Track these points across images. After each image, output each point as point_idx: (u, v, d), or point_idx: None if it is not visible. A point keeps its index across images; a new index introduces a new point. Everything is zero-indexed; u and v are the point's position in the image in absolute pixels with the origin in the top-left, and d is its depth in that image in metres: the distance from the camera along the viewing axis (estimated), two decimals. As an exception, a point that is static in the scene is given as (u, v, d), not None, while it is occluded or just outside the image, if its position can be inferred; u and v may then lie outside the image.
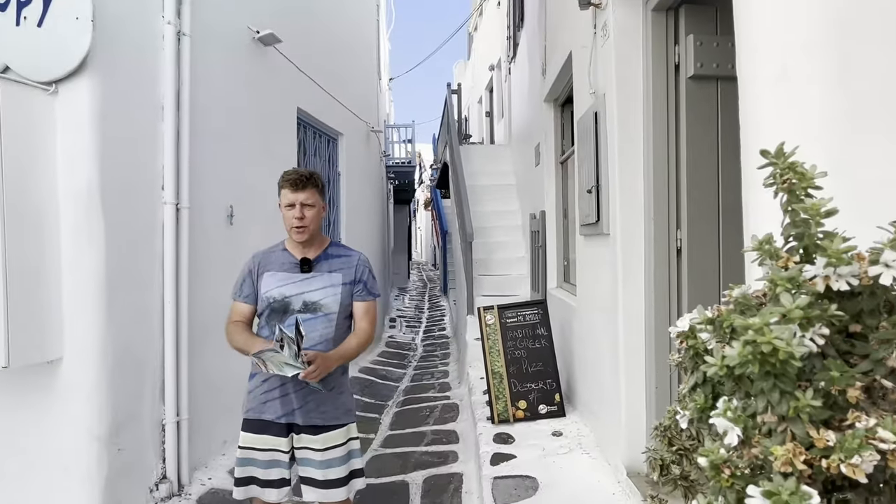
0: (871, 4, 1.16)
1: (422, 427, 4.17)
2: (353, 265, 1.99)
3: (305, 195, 1.89)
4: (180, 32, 3.07)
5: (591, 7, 2.67)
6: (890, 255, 0.66)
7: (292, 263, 1.95)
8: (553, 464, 2.71)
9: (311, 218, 1.91)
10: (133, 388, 2.78)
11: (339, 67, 6.50)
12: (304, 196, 1.89)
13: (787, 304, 0.68)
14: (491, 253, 6.65)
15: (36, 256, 2.48)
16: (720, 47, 2.23)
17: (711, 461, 0.72)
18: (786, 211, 0.76)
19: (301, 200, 1.89)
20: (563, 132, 4.64)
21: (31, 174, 2.47)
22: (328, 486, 1.93)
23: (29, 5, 2.53)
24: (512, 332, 3.52)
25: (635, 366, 2.45)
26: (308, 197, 1.90)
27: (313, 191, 1.92)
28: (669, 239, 2.41)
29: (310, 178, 1.92)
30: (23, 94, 2.46)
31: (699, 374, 0.79)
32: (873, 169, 1.12)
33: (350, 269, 1.98)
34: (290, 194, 1.89)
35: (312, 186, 1.91)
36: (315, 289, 1.93)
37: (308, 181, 1.91)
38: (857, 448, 0.62)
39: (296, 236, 1.94)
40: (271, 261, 1.99)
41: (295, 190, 1.89)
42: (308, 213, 1.90)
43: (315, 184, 1.93)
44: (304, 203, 1.89)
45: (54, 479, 2.61)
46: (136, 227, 2.85)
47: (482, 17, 12.89)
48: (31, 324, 2.44)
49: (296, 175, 1.91)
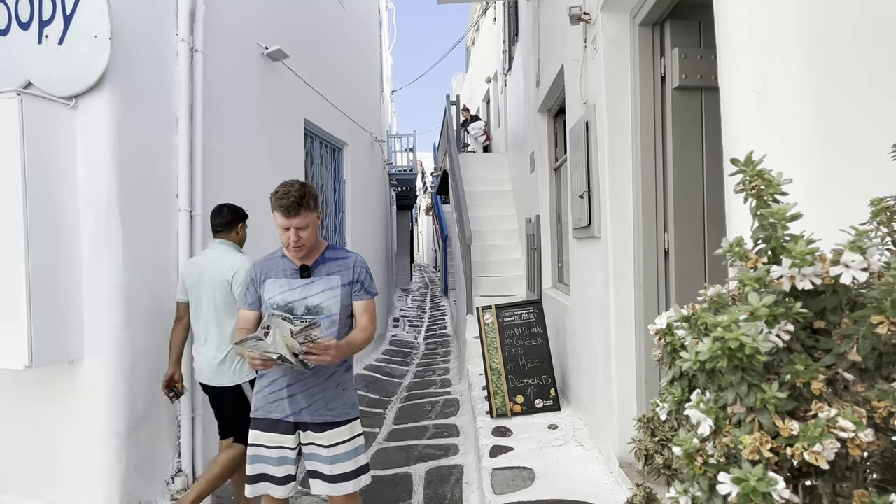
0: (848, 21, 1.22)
1: (424, 421, 4.25)
2: (351, 266, 2.00)
3: (298, 220, 1.85)
4: (193, 49, 3.18)
5: (582, 22, 2.75)
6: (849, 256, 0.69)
7: (293, 270, 1.97)
8: (549, 455, 2.76)
9: (307, 238, 1.90)
10: (150, 386, 2.85)
11: (344, 81, 6.66)
12: (298, 221, 1.85)
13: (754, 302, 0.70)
14: (489, 255, 6.76)
15: (57, 262, 2.56)
16: (704, 59, 2.29)
17: (685, 450, 0.75)
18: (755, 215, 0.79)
19: (295, 225, 1.85)
20: (556, 140, 4.75)
21: (53, 184, 2.56)
22: (336, 481, 1.95)
23: (50, 24, 2.63)
24: (509, 331, 3.59)
25: (626, 361, 2.52)
26: (301, 221, 1.86)
27: (305, 213, 1.86)
28: (657, 241, 2.47)
29: (301, 202, 1.84)
30: (45, 108, 2.55)
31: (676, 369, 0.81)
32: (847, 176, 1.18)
33: (348, 271, 1.99)
34: (282, 219, 1.86)
35: (305, 210, 1.86)
36: (315, 293, 1.94)
37: (299, 206, 1.84)
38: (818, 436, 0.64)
39: (293, 256, 1.97)
40: (272, 267, 2.00)
41: (287, 216, 1.85)
42: (303, 235, 1.88)
43: (307, 205, 1.86)
44: (297, 227, 1.86)
45: (75, 473, 2.68)
46: (152, 234, 2.93)
47: (479, 32, 13.08)
48: (52, 326, 2.52)
49: (286, 201, 1.83)
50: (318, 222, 1.97)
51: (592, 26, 2.70)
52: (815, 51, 1.24)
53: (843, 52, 1.23)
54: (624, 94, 2.52)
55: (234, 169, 3.72)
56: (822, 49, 1.24)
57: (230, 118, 3.67)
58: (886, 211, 0.82)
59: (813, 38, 1.24)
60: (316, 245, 2.00)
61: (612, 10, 2.54)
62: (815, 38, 1.24)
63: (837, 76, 1.23)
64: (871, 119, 1.21)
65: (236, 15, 3.83)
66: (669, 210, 2.41)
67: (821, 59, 1.24)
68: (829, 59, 1.24)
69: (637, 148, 2.49)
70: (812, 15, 1.25)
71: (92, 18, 2.59)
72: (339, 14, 6.65)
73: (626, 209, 2.52)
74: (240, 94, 3.85)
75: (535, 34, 4.72)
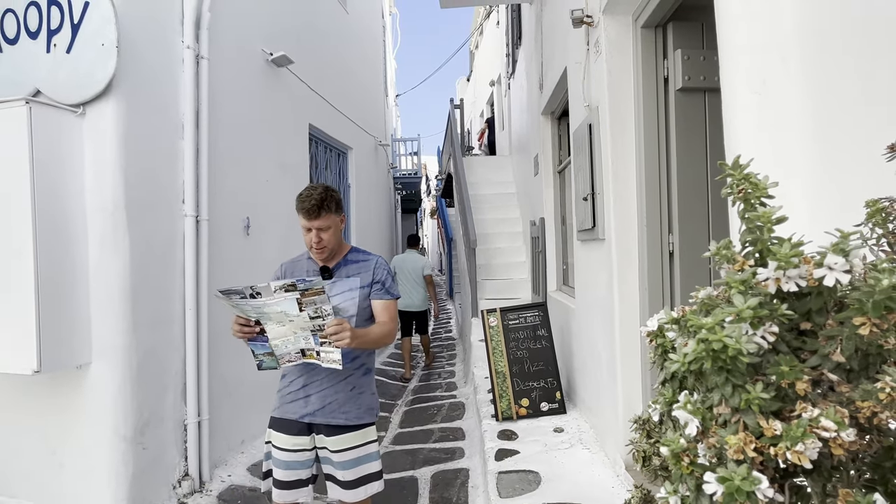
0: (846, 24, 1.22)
1: (430, 425, 4.25)
2: (371, 268, 2.03)
3: (319, 222, 1.91)
4: (199, 56, 3.21)
5: (584, 25, 2.75)
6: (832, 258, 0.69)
7: (315, 271, 2.01)
8: (555, 459, 2.75)
9: (328, 239, 1.94)
10: (157, 390, 2.87)
11: (348, 85, 6.70)
12: (319, 223, 1.91)
13: (738, 304, 0.71)
14: (493, 258, 6.77)
15: (65, 267, 2.59)
16: (707, 61, 2.29)
17: (672, 450, 0.76)
18: (742, 218, 0.79)
19: (316, 226, 1.91)
20: (559, 143, 4.76)
21: (61, 190, 2.59)
22: (347, 487, 1.94)
23: (58, 33, 2.66)
24: (514, 334, 3.58)
25: (631, 364, 2.50)
26: (322, 223, 1.91)
27: (327, 215, 1.91)
28: (662, 243, 2.46)
29: (322, 205, 1.90)
30: (52, 115, 2.58)
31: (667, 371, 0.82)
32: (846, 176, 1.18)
33: (368, 272, 2.01)
34: (305, 221, 1.92)
35: (326, 212, 1.91)
36: (335, 294, 1.97)
37: (321, 208, 1.90)
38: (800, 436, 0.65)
39: (316, 257, 2.01)
40: (297, 268, 2.05)
41: (309, 219, 1.91)
42: (325, 237, 1.93)
43: (329, 208, 1.92)
44: (319, 228, 1.92)
45: (82, 477, 2.69)
46: (159, 239, 2.95)
47: (482, 35, 13.12)
48: (60, 331, 2.54)
49: (309, 204, 1.89)
50: (340, 225, 2.02)
51: (595, 29, 2.70)
52: (814, 49, 1.24)
53: (842, 50, 1.23)
54: (627, 97, 2.52)
55: (240, 174, 3.75)
56: (822, 47, 1.24)
57: (235, 124, 3.70)
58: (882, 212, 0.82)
59: (812, 37, 1.24)
60: (339, 248, 2.05)
61: (614, 13, 2.54)
62: (814, 36, 1.24)
63: (836, 74, 1.23)
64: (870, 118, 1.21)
65: (241, 22, 3.86)
66: (674, 212, 2.40)
67: (820, 57, 1.24)
68: (828, 58, 1.24)
69: (640, 150, 2.48)
70: (811, 13, 1.25)
71: (99, 26, 2.62)
72: (343, 19, 6.69)
73: (630, 211, 2.52)
74: (245, 100, 3.88)
75: (538, 37, 4.74)
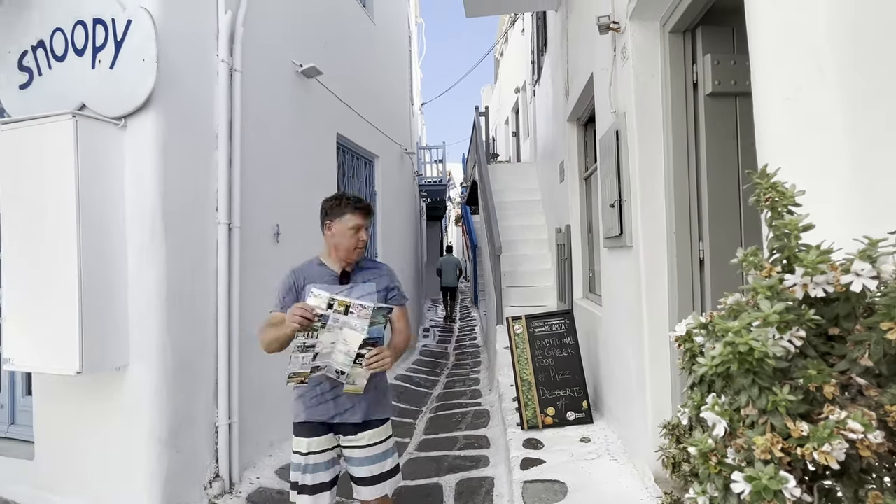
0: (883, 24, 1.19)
1: (454, 432, 4.24)
2: (384, 274, 2.17)
3: (369, 221, 2.13)
4: (232, 69, 3.33)
5: (611, 31, 2.75)
6: (859, 265, 0.71)
7: (332, 276, 2.07)
8: (581, 469, 2.71)
9: (367, 240, 2.14)
10: (190, 393, 2.95)
11: (375, 95, 6.82)
12: (368, 222, 2.13)
13: (765, 309, 0.72)
14: (519, 265, 6.73)
15: (106, 273, 2.70)
16: (738, 65, 2.26)
17: (700, 450, 0.78)
18: (769, 226, 0.81)
19: (366, 225, 2.11)
20: (585, 150, 4.72)
21: (103, 199, 2.71)
22: (373, 482, 2.02)
23: (103, 50, 2.81)
24: (540, 342, 3.56)
25: (660, 373, 2.45)
26: (369, 223, 2.14)
27: (371, 217, 2.16)
28: (692, 250, 2.41)
29: (370, 207, 2.16)
30: (97, 128, 2.71)
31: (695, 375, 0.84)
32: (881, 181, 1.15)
33: (382, 278, 2.14)
34: (359, 220, 2.08)
35: (372, 214, 2.16)
36: (355, 298, 2.04)
37: (371, 210, 2.16)
38: (827, 437, 0.67)
39: (355, 255, 2.10)
40: (311, 274, 2.08)
41: (365, 216, 2.10)
42: (365, 237, 2.12)
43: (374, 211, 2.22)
44: (366, 227, 2.12)
45: (119, 476, 2.78)
46: (194, 246, 3.05)
47: (508, 43, 13.16)
48: (101, 334, 2.64)
49: (364, 203, 2.12)
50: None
51: (621, 35, 2.69)
52: (850, 56, 1.21)
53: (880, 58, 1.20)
54: (655, 102, 2.49)
55: (270, 182, 3.84)
56: (858, 55, 1.21)
57: (266, 134, 3.80)
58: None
59: (848, 44, 1.22)
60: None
61: (641, 19, 2.53)
62: (850, 43, 1.21)
63: (874, 82, 1.20)
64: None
65: (272, 35, 3.98)
66: (704, 218, 2.36)
67: (857, 64, 1.20)
68: (864, 65, 1.20)
69: (669, 155, 2.45)
70: (847, 20, 1.22)
71: (140, 43, 2.74)
72: (371, 30, 6.82)
73: (659, 218, 2.48)
74: (276, 111, 3.99)
75: (564, 44, 4.73)
